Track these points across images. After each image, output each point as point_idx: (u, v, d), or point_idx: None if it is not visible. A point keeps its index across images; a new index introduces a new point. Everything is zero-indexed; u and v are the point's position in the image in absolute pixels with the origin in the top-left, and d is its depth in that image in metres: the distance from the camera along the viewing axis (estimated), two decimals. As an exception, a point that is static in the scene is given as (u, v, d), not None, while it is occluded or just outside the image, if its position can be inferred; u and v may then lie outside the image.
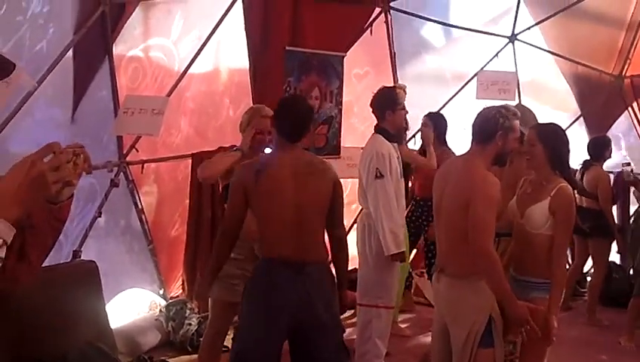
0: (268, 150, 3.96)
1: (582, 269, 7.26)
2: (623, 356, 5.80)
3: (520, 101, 7.48)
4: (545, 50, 8.19)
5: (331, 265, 3.78)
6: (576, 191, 3.82)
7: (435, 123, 6.05)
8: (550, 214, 3.56)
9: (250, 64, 5.88)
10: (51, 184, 1.50)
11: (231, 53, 6.14)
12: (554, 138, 3.71)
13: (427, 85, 8.17)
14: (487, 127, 3.50)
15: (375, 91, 4.99)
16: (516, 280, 3.70)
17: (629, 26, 7.80)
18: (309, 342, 3.49)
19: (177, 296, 5.94)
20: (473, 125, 3.58)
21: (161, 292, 5.93)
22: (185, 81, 5.72)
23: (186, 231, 5.83)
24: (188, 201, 5.72)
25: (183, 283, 5.92)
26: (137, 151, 5.48)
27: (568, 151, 3.75)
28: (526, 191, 3.77)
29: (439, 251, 3.71)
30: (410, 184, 6.28)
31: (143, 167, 5.55)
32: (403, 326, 5.97)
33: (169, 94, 5.51)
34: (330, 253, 3.77)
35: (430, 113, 6.36)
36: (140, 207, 5.67)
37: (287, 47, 5.97)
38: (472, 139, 3.58)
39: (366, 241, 4.74)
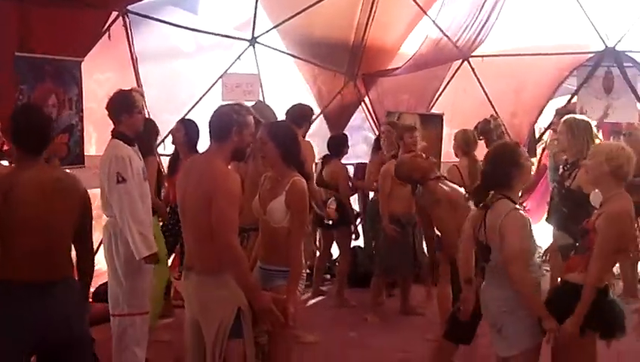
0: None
1: (329, 256, 7.80)
2: (369, 331, 6.35)
3: (264, 101, 7.80)
4: (284, 52, 8.63)
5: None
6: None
7: (187, 129, 6.05)
8: (287, 207, 3.76)
9: (-24, 72, 5.46)
10: None
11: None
12: (284, 135, 3.93)
13: (175, 89, 8.22)
14: (223, 124, 3.60)
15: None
16: (263, 270, 3.89)
17: (357, 27, 8.46)
18: (64, 360, 3.38)
19: None
20: (209, 124, 3.66)
21: None
22: None
23: None
24: None
25: None
26: None
27: (298, 146, 4.00)
28: (266, 188, 3.96)
29: (187, 250, 3.77)
30: (163, 192, 6.26)
31: None
32: (162, 331, 5.91)
33: None
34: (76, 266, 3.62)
35: (183, 119, 6.43)
36: None
37: (16, 53, 5.63)
38: (210, 138, 3.66)
39: (113, 250, 4.62)
